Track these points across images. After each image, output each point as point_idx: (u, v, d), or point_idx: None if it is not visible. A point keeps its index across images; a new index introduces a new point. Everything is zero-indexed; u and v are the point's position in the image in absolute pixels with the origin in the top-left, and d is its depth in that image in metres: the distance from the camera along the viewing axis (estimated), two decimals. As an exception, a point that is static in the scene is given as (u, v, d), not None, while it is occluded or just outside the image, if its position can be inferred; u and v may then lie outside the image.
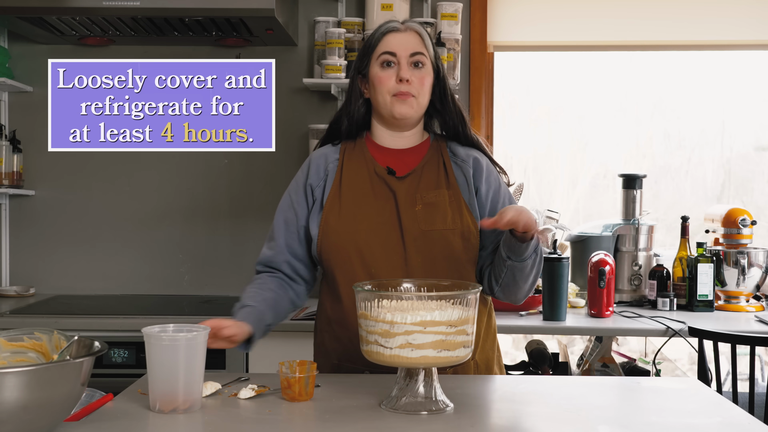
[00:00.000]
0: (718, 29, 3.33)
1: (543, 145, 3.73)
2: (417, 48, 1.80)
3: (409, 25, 1.83)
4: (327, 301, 1.84)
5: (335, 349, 1.80)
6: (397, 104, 1.78)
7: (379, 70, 1.80)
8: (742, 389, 2.93)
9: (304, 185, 1.85)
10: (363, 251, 1.75)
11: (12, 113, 3.37)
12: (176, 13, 2.81)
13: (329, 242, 1.77)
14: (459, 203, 1.79)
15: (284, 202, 1.88)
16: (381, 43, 1.81)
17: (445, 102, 1.86)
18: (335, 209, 1.79)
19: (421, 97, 1.80)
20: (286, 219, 1.86)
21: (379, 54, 1.80)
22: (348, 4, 3.31)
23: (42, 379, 1.21)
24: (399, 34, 1.81)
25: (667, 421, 1.43)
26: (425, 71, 1.81)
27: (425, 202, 1.78)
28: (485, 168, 1.84)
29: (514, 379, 1.74)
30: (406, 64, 1.79)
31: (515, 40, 3.39)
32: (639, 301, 3.05)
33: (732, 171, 3.64)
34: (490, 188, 1.83)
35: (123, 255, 3.37)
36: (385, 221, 1.77)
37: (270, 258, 1.86)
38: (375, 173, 1.82)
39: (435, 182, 1.81)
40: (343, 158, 1.85)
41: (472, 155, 1.86)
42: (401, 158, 1.84)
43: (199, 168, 3.37)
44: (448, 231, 1.76)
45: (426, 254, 1.75)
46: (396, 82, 1.78)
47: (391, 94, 1.79)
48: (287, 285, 1.86)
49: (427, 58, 1.81)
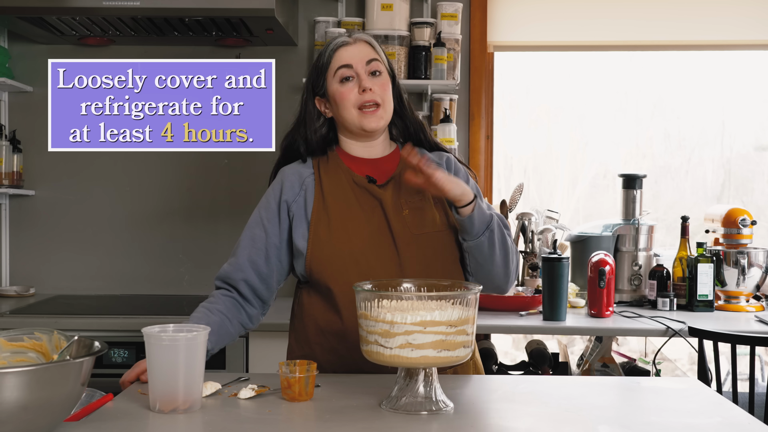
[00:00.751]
0: (718, 29, 3.33)
1: (543, 145, 3.73)
2: (371, 56, 1.80)
3: (357, 36, 1.84)
4: (317, 312, 1.80)
5: (329, 361, 1.76)
6: (365, 119, 1.79)
7: (339, 86, 1.79)
8: (742, 389, 2.93)
9: (278, 202, 1.83)
10: (359, 260, 1.74)
11: (12, 113, 3.37)
12: (176, 13, 2.81)
13: (322, 255, 1.76)
14: (443, 204, 1.81)
15: (253, 219, 1.86)
16: (334, 60, 1.81)
17: (403, 107, 1.88)
18: (324, 221, 1.78)
19: (386, 103, 1.81)
20: (254, 236, 1.83)
21: (335, 70, 1.80)
22: (348, 4, 3.31)
23: (42, 379, 1.20)
24: (350, 47, 1.81)
25: (667, 421, 1.43)
26: (384, 78, 1.81)
27: (411, 207, 1.79)
28: (453, 164, 1.88)
29: (514, 379, 1.74)
30: (365, 73, 1.79)
31: (515, 40, 3.39)
32: (639, 301, 3.06)
33: (732, 171, 3.64)
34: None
35: (123, 255, 3.37)
36: (376, 229, 1.77)
37: (228, 274, 1.83)
38: (355, 183, 1.81)
39: (416, 187, 1.81)
40: (319, 172, 1.84)
41: (443, 156, 1.90)
42: (377, 167, 1.85)
43: (199, 168, 3.37)
44: (439, 232, 1.77)
45: (420, 257, 1.76)
46: (359, 93, 1.78)
47: (356, 107, 1.79)
48: (240, 307, 1.83)
49: (382, 65, 1.82)
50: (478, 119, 3.33)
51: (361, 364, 1.73)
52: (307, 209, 1.80)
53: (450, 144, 3.08)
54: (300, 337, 1.85)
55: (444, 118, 3.12)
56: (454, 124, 3.17)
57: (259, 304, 1.86)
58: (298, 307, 1.87)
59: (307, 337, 1.83)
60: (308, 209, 1.80)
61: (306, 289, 1.85)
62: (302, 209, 1.81)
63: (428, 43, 3.13)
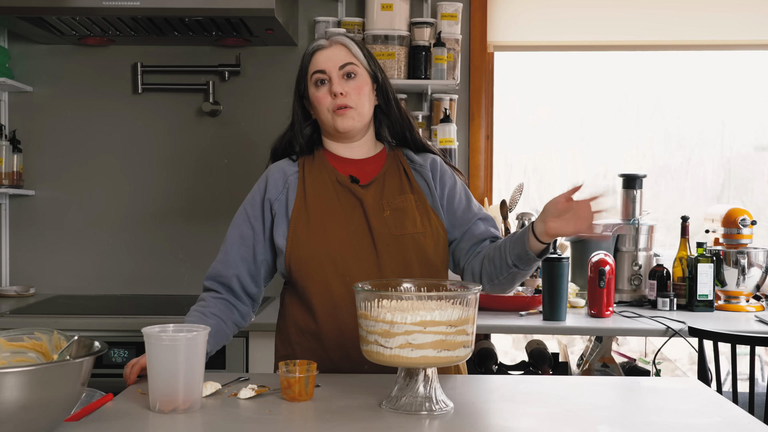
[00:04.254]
0: (718, 29, 3.33)
1: (543, 145, 3.73)
2: (344, 59, 1.81)
3: (335, 39, 1.85)
4: (297, 312, 1.82)
5: (309, 360, 1.77)
6: (338, 119, 1.81)
7: (314, 90, 1.82)
8: (742, 389, 2.93)
9: (261, 200, 1.84)
10: (336, 260, 1.75)
11: (12, 113, 3.37)
12: (176, 13, 2.81)
13: (300, 253, 1.77)
14: (425, 207, 1.82)
15: (239, 216, 1.87)
16: (311, 64, 1.83)
17: (389, 107, 1.88)
18: (303, 220, 1.78)
19: (360, 107, 1.81)
20: (242, 233, 1.84)
21: (311, 74, 1.82)
22: (348, 4, 3.31)
23: (42, 379, 1.21)
24: (325, 51, 1.82)
25: (667, 421, 1.43)
26: (360, 80, 1.82)
27: (393, 208, 1.80)
28: (439, 167, 1.89)
29: (513, 379, 1.74)
30: (337, 77, 1.80)
31: (515, 40, 3.39)
32: (639, 301, 3.05)
33: (732, 171, 3.64)
34: (445, 185, 1.87)
35: (123, 255, 3.37)
36: (355, 229, 1.78)
37: (219, 272, 1.84)
38: (338, 183, 1.83)
39: (399, 188, 1.83)
40: (303, 171, 1.85)
41: (429, 158, 1.90)
42: (362, 167, 1.86)
43: (199, 168, 3.37)
44: (419, 234, 1.78)
45: (399, 258, 1.76)
46: (332, 98, 1.80)
47: (330, 110, 1.81)
48: (232, 306, 1.84)
49: (359, 67, 1.82)
50: (478, 119, 3.33)
51: (339, 364, 1.75)
52: (288, 207, 1.82)
53: (450, 144, 3.08)
54: (283, 336, 1.87)
55: (444, 118, 3.12)
56: (454, 124, 3.17)
57: (249, 302, 1.87)
58: (281, 307, 1.89)
59: (288, 337, 1.84)
60: (289, 207, 1.81)
61: (288, 289, 1.87)
62: (284, 207, 1.82)
63: (428, 43, 3.13)
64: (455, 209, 1.85)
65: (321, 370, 1.68)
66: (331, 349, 1.77)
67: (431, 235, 1.79)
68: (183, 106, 3.36)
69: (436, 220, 1.82)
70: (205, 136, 3.36)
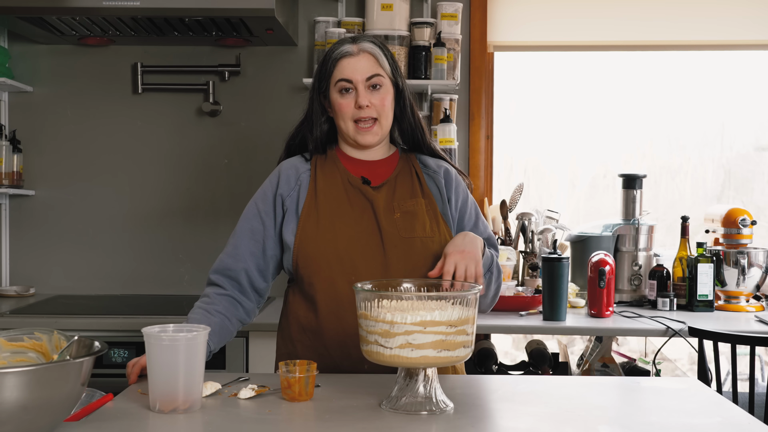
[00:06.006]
0: (718, 29, 3.33)
1: (543, 145, 3.73)
2: (372, 71, 1.80)
3: (362, 46, 1.82)
4: (300, 309, 1.82)
5: (310, 358, 1.75)
6: (360, 135, 1.81)
7: (338, 96, 1.81)
8: (742, 389, 2.93)
9: (273, 195, 1.84)
10: (343, 259, 1.75)
11: (12, 113, 3.37)
12: (176, 13, 2.81)
13: (308, 251, 1.77)
14: (435, 212, 1.82)
15: (250, 210, 1.86)
16: (336, 70, 1.81)
17: (404, 112, 1.87)
18: (312, 218, 1.79)
19: (383, 118, 1.81)
20: (252, 228, 1.83)
21: (336, 81, 1.81)
22: (348, 4, 3.31)
23: (42, 379, 1.21)
24: (353, 59, 1.80)
25: (667, 421, 1.43)
26: (384, 90, 1.81)
27: (403, 211, 1.80)
28: (454, 178, 1.89)
29: (514, 379, 1.74)
30: (364, 89, 1.79)
31: (515, 40, 3.39)
32: (639, 301, 3.05)
33: (732, 171, 3.64)
34: (458, 198, 1.87)
35: (123, 255, 3.37)
36: (364, 229, 1.78)
37: (229, 265, 1.82)
38: (350, 183, 1.83)
39: (410, 192, 1.83)
40: (315, 169, 1.85)
41: (443, 166, 1.90)
42: (374, 169, 1.86)
43: (199, 168, 3.37)
44: (427, 239, 1.78)
45: (406, 261, 1.76)
46: (355, 108, 1.79)
47: (352, 120, 1.80)
48: (237, 303, 1.83)
49: (384, 77, 1.81)
50: (478, 119, 3.33)
51: (339, 362, 1.74)
52: (299, 204, 1.82)
53: (450, 144, 3.08)
54: (285, 334, 1.87)
55: (444, 118, 3.12)
56: (454, 124, 3.17)
57: (255, 297, 1.87)
58: (284, 305, 1.89)
59: (290, 334, 1.84)
60: (300, 205, 1.81)
61: (292, 287, 1.87)
62: (294, 204, 1.82)
63: (428, 43, 3.13)
64: (464, 225, 1.87)
65: (321, 368, 1.68)
66: (332, 347, 1.77)
67: (439, 241, 1.79)
68: (183, 106, 3.36)
69: (445, 226, 1.82)
70: (205, 136, 3.36)
